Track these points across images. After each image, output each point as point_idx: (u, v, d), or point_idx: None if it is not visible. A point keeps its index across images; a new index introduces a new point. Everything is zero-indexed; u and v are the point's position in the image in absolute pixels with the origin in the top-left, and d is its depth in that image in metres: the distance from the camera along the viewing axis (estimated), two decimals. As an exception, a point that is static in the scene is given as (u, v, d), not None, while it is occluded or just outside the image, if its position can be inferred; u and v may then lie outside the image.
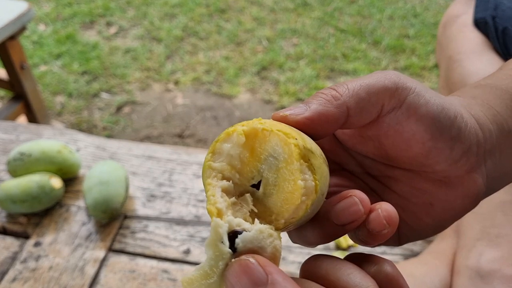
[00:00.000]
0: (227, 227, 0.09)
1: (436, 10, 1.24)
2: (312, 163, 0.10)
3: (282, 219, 0.10)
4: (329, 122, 0.11)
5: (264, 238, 0.09)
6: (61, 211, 0.32)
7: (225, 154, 0.11)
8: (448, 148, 0.12)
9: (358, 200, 0.11)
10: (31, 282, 0.27)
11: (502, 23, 0.28)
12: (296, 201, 0.10)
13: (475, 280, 0.23)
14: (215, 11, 1.23)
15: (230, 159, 0.11)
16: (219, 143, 0.11)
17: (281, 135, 0.10)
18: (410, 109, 0.12)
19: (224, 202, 0.10)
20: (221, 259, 0.09)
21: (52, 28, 1.14)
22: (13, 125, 0.40)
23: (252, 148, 0.11)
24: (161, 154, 0.36)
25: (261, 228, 0.10)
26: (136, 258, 0.29)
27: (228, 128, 0.11)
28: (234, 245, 0.09)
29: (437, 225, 0.13)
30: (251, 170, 0.11)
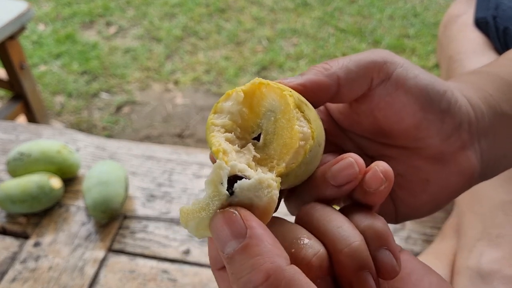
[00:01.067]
0: (229, 170, 0.10)
1: (436, 9, 1.24)
2: (306, 114, 0.11)
3: (283, 163, 0.11)
4: (321, 90, 0.12)
5: (262, 188, 0.10)
6: (60, 211, 0.32)
7: (226, 112, 0.12)
8: (438, 121, 0.12)
9: (354, 161, 0.11)
10: (31, 282, 0.27)
11: (503, 23, 0.28)
12: (295, 144, 0.11)
13: (476, 280, 0.23)
14: (215, 11, 1.23)
15: (231, 116, 0.12)
16: (220, 103, 0.12)
17: (276, 89, 0.11)
18: (399, 81, 0.12)
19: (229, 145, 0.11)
20: (218, 199, 0.10)
21: (52, 28, 1.14)
22: (13, 125, 0.40)
23: (251, 104, 0.12)
24: (160, 154, 0.36)
25: (261, 178, 0.10)
26: (136, 258, 0.29)
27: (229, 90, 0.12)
28: (232, 189, 0.10)
29: (434, 203, 0.13)
30: (251, 125, 0.12)
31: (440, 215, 0.30)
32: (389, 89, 0.12)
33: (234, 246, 0.09)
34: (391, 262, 0.10)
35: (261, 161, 0.11)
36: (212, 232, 0.09)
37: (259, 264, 0.08)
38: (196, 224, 0.10)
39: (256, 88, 0.12)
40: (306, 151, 0.11)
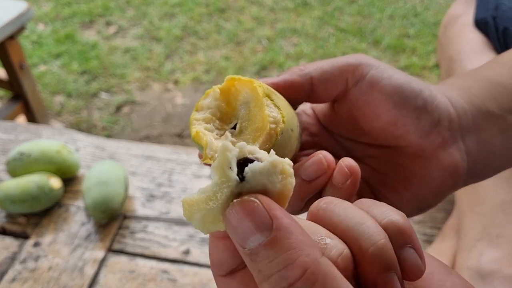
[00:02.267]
0: (238, 152, 0.08)
1: (437, 9, 1.24)
2: (276, 102, 0.12)
3: (257, 144, 0.12)
4: (294, 88, 0.13)
5: (276, 173, 0.08)
6: (60, 211, 0.32)
7: (206, 108, 0.13)
8: (414, 118, 0.13)
9: (323, 157, 0.12)
10: (31, 283, 0.27)
11: (503, 23, 0.28)
12: (266, 127, 0.12)
13: (476, 280, 0.23)
14: (214, 11, 1.23)
15: (211, 111, 0.13)
16: (200, 101, 0.13)
17: (247, 82, 0.12)
18: (373, 81, 0.13)
19: (208, 132, 0.12)
20: (227, 186, 0.08)
21: (52, 27, 1.14)
22: (12, 125, 0.40)
23: (228, 100, 0.13)
24: (160, 154, 0.36)
25: (275, 161, 0.08)
26: (136, 259, 0.29)
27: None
28: (243, 174, 0.08)
29: (417, 201, 0.13)
30: (229, 117, 0.13)
31: (440, 215, 0.30)
32: (364, 88, 0.13)
33: (259, 240, 0.08)
34: (417, 261, 0.09)
35: None
36: (228, 226, 0.08)
37: (293, 259, 0.07)
38: (203, 217, 0.08)
39: (231, 84, 0.13)
40: (278, 133, 0.12)
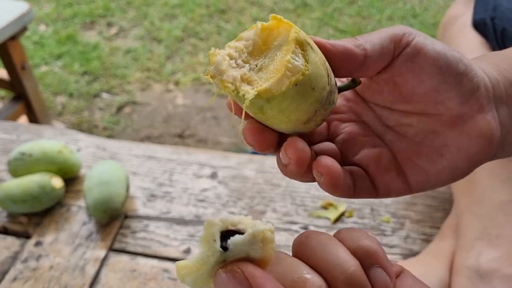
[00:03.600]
0: (221, 226, 0.10)
1: (436, 10, 1.24)
2: (307, 54, 0.12)
3: (267, 83, 0.11)
4: (348, 57, 0.13)
5: (257, 242, 0.10)
6: (61, 211, 0.32)
7: (243, 39, 0.13)
8: (456, 83, 0.13)
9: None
10: (32, 282, 0.27)
11: (501, 24, 0.28)
12: (281, 71, 0.11)
13: (474, 280, 0.23)
14: (215, 12, 1.23)
15: (245, 43, 0.13)
16: (243, 32, 0.13)
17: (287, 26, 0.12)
18: (418, 47, 0.13)
19: (225, 57, 0.12)
20: (212, 256, 0.10)
21: (53, 28, 1.14)
22: (14, 125, 0.40)
23: (266, 38, 0.13)
24: (161, 154, 0.36)
25: (254, 232, 0.10)
26: (137, 258, 0.29)
27: None
28: (226, 244, 0.10)
29: (453, 169, 0.13)
30: (259, 54, 0.13)
31: (439, 215, 0.31)
32: (409, 55, 0.13)
33: None
34: (385, 279, 0.10)
35: (251, 82, 0.12)
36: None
37: None
38: (194, 280, 0.10)
39: (275, 26, 0.12)
40: (291, 82, 0.11)
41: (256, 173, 0.34)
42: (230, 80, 0.12)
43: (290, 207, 0.32)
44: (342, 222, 0.31)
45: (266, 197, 0.33)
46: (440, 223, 0.30)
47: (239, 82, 0.12)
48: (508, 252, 0.23)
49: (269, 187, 0.33)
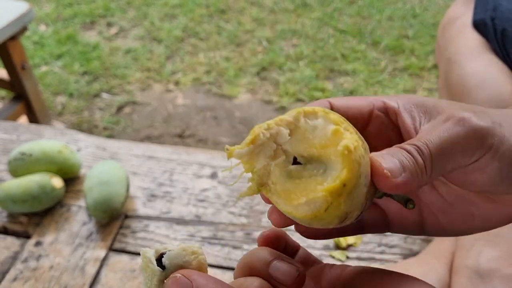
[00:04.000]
0: (154, 251, 0.11)
1: (435, 10, 1.24)
2: (345, 200, 0.10)
3: (307, 209, 0.10)
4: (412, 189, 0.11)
5: (188, 254, 0.11)
6: (61, 211, 0.32)
7: (300, 124, 0.11)
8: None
9: None
10: (32, 282, 0.27)
11: (501, 24, 0.28)
12: (327, 201, 0.10)
13: (474, 279, 0.23)
14: (215, 12, 1.23)
15: (295, 128, 0.11)
16: (304, 115, 0.11)
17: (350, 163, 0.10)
18: (499, 149, 0.11)
19: (262, 137, 0.11)
20: (154, 276, 0.11)
21: (53, 28, 1.14)
22: (14, 125, 0.40)
23: (323, 139, 0.11)
24: (161, 154, 0.36)
25: (183, 247, 0.11)
26: (137, 258, 0.29)
27: (315, 107, 0.11)
28: (163, 264, 0.11)
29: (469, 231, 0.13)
30: (304, 149, 0.11)
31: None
32: (488, 158, 0.11)
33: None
34: (284, 268, 0.11)
35: (288, 194, 0.11)
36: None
37: None
38: None
39: (333, 136, 0.10)
40: (335, 215, 0.10)
41: (256, 173, 0.35)
42: (270, 189, 0.11)
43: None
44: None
45: (266, 197, 0.33)
46: (440, 223, 0.30)
47: (277, 197, 0.11)
48: (507, 252, 0.23)
49: (269, 187, 0.33)
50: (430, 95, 0.98)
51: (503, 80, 0.27)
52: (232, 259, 0.29)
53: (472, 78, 0.27)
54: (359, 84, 0.99)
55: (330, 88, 0.99)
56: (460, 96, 0.28)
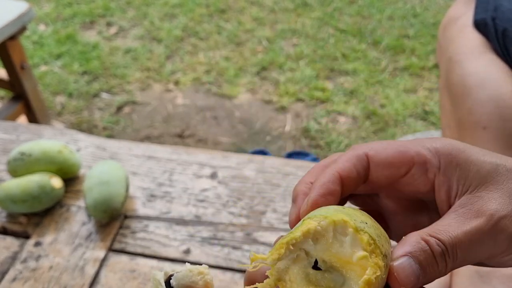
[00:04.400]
0: (163, 273, 0.12)
1: (436, 10, 1.24)
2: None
3: None
4: None
5: (194, 275, 0.12)
6: (61, 211, 0.32)
7: (327, 235, 0.11)
8: None
9: None
10: (31, 282, 0.27)
11: (502, 24, 0.28)
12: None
13: (474, 279, 0.23)
14: (215, 12, 1.23)
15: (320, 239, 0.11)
16: (334, 226, 0.11)
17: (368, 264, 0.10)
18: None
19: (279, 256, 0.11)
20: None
21: (52, 28, 1.14)
22: (14, 125, 0.40)
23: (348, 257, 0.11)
24: (161, 154, 0.36)
25: (190, 268, 0.12)
26: (136, 258, 0.29)
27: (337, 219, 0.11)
28: (171, 285, 0.12)
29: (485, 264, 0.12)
30: (327, 256, 0.11)
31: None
32: None
33: None
34: None
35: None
36: None
37: None
38: None
39: (362, 260, 0.11)
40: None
41: (256, 173, 0.34)
42: (286, 285, 0.11)
43: (290, 207, 0.32)
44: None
45: (266, 197, 0.33)
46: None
47: None
48: (508, 253, 0.22)
49: (269, 187, 0.33)
50: (431, 95, 0.98)
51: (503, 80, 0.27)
52: (232, 260, 0.29)
53: (472, 77, 0.27)
54: (359, 83, 0.99)
55: (330, 87, 0.99)
56: (461, 96, 0.28)
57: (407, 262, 0.11)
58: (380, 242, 0.11)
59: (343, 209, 0.12)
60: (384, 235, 0.12)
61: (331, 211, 0.12)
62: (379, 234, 0.11)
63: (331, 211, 0.12)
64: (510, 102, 0.25)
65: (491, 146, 0.25)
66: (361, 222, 0.11)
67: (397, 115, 0.92)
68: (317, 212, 0.12)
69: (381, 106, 0.94)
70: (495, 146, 0.25)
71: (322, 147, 0.85)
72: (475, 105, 0.26)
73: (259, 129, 0.89)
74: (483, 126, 0.25)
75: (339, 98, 0.96)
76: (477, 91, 0.27)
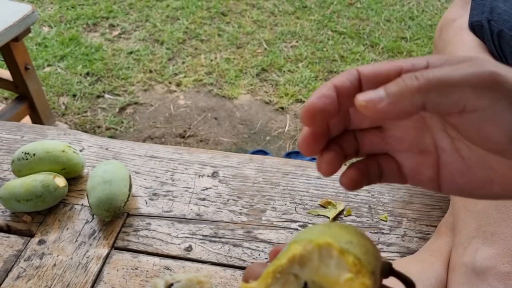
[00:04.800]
0: (164, 282, 0.12)
1: (433, 12, 1.25)
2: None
3: None
4: None
5: (193, 285, 0.12)
6: (65, 210, 0.32)
7: (313, 258, 0.11)
8: None
9: None
10: (35, 280, 0.28)
11: (498, 26, 0.28)
12: None
13: (471, 277, 0.23)
14: (216, 14, 1.25)
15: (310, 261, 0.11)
16: (318, 249, 0.11)
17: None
18: None
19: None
20: None
21: (56, 30, 1.15)
22: (18, 126, 0.41)
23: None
24: (163, 154, 0.37)
25: (189, 277, 0.12)
26: (139, 256, 0.29)
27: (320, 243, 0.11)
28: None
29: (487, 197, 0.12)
30: (315, 277, 0.11)
31: (435, 214, 0.31)
32: None
33: None
34: None
35: None
36: None
37: None
38: None
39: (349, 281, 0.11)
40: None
41: (256, 172, 0.35)
42: None
43: (289, 205, 0.32)
44: (341, 220, 0.31)
45: (266, 195, 0.33)
46: (436, 222, 0.30)
47: None
48: (503, 250, 0.23)
49: (269, 186, 0.34)
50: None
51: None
52: (232, 257, 0.29)
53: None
54: (359, 85, 1.00)
55: (330, 89, 0.99)
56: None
57: (371, 91, 0.10)
58: (367, 260, 0.11)
59: (329, 229, 0.12)
60: (372, 251, 0.12)
61: (316, 234, 0.12)
62: (366, 251, 0.11)
63: (316, 233, 0.12)
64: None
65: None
66: (346, 243, 0.11)
67: (396, 116, 0.92)
68: (302, 235, 0.12)
69: (380, 107, 0.95)
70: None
71: (322, 148, 0.85)
72: None
73: (259, 130, 0.89)
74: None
75: (338, 100, 0.96)
76: (473, 92, 0.27)
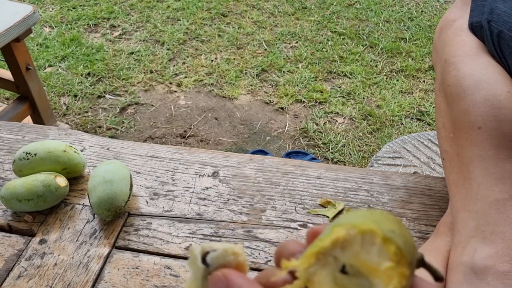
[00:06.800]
0: (201, 249, 0.13)
1: (432, 13, 1.25)
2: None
3: None
4: None
5: (229, 255, 0.12)
6: (66, 209, 0.32)
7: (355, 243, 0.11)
8: None
9: None
10: (36, 279, 0.28)
11: (497, 27, 0.28)
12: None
13: (470, 276, 0.23)
14: (216, 15, 1.25)
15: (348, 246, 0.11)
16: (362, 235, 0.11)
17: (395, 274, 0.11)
18: None
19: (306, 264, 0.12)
20: (199, 272, 0.13)
21: (57, 30, 1.16)
22: (19, 126, 0.41)
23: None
24: (164, 154, 0.37)
25: (225, 248, 0.12)
26: (140, 255, 0.29)
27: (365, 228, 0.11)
28: (207, 262, 0.12)
29: None
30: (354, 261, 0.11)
31: (434, 213, 0.31)
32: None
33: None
34: None
35: None
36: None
37: None
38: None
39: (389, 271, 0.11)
40: None
41: (256, 172, 0.35)
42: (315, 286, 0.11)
43: (289, 205, 0.32)
44: (341, 220, 0.31)
45: (266, 195, 0.33)
46: (435, 221, 0.30)
47: None
48: (502, 249, 0.23)
49: (269, 185, 0.34)
50: (426, 96, 0.98)
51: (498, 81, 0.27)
52: (232, 257, 0.29)
53: (468, 79, 0.28)
54: (356, 85, 1.00)
55: (328, 89, 0.99)
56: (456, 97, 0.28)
57: None
58: (407, 250, 0.11)
59: (371, 215, 0.12)
60: (410, 242, 0.12)
61: (359, 219, 0.12)
62: (405, 241, 0.11)
63: (359, 218, 0.12)
64: (505, 103, 0.26)
65: (486, 146, 0.25)
66: (389, 231, 0.11)
67: (393, 115, 0.93)
68: (344, 219, 0.12)
69: (377, 107, 0.95)
70: (489, 146, 0.25)
71: (320, 147, 0.86)
72: (471, 106, 0.26)
73: (259, 130, 0.89)
74: (478, 126, 0.26)
75: (336, 99, 0.96)
76: (472, 92, 0.27)
